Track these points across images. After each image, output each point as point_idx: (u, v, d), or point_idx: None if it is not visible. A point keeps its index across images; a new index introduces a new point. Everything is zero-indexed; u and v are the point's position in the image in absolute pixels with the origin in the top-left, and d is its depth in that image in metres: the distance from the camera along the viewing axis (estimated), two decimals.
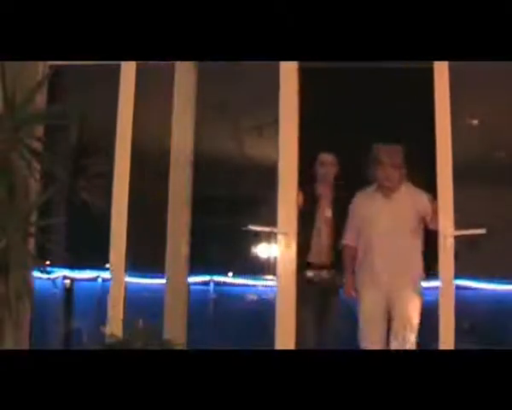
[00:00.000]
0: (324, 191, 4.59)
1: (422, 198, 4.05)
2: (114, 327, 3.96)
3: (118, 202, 4.25)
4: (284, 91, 4.08)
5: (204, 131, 4.37)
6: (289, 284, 4.02)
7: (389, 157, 4.05)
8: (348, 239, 4.20)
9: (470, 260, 4.57)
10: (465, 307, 4.12)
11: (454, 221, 3.85)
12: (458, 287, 3.94)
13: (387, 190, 4.10)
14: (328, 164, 4.62)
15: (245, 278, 6.76)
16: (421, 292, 4.02)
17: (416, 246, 4.05)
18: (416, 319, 3.91)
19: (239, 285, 6.91)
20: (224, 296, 7.51)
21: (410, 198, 4.08)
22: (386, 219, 4.02)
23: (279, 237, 4.05)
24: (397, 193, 4.09)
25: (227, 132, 4.43)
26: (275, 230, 4.06)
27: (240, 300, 6.87)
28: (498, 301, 5.49)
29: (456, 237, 3.81)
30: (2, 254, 3.57)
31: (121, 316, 4.08)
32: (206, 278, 6.92)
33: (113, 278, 4.18)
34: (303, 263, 4.27)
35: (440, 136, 3.94)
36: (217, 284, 7.37)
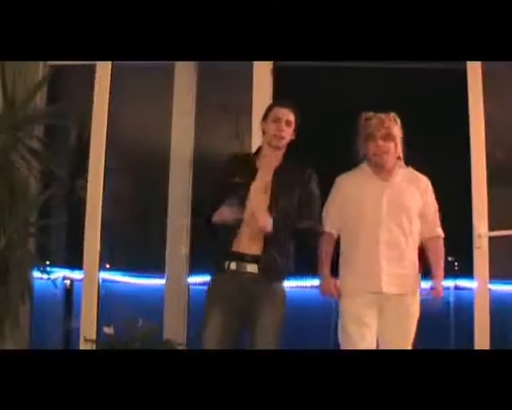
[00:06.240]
0: (267, 160, 3.30)
1: (426, 184, 3.41)
2: (88, 328, 4.02)
3: (92, 199, 4.21)
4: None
5: (204, 131, 4.36)
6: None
7: (382, 127, 3.30)
8: (329, 226, 3.41)
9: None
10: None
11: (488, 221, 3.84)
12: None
13: (384, 170, 3.37)
14: (283, 121, 3.25)
15: None
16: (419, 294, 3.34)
17: (416, 240, 3.37)
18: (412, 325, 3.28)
19: None
20: None
21: (412, 182, 3.39)
22: (385, 206, 3.30)
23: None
24: (395, 175, 3.39)
25: (227, 132, 4.41)
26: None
27: None
28: None
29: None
30: (2, 254, 3.58)
31: (95, 316, 4.09)
32: (206, 278, 6.87)
33: (86, 278, 4.15)
34: (225, 253, 3.24)
35: (474, 135, 3.97)
36: None
